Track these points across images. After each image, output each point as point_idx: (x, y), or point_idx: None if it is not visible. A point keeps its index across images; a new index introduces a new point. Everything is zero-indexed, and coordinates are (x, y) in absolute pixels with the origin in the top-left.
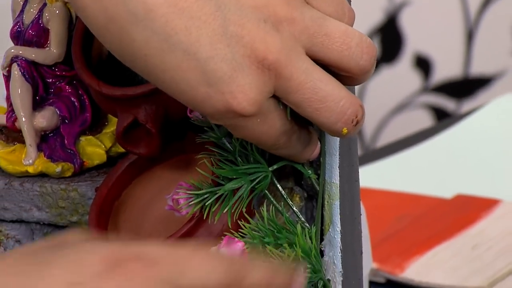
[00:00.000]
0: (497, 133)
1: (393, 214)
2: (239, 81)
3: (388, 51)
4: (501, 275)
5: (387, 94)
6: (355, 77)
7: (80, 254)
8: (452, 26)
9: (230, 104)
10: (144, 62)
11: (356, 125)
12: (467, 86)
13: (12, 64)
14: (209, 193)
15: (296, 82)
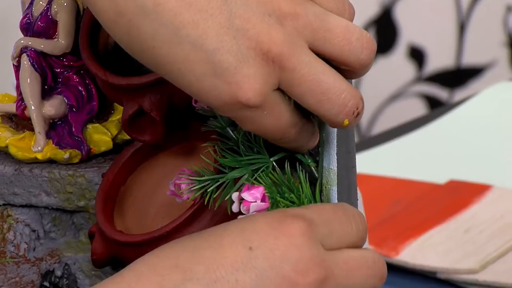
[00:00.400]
0: (488, 121)
1: (388, 199)
2: (244, 72)
3: (383, 43)
4: (492, 257)
5: (382, 84)
6: (355, 71)
7: (245, 224)
8: (444, 18)
9: (236, 94)
10: (152, 54)
11: (357, 116)
12: (459, 76)
13: (21, 54)
14: (211, 180)
15: (299, 74)
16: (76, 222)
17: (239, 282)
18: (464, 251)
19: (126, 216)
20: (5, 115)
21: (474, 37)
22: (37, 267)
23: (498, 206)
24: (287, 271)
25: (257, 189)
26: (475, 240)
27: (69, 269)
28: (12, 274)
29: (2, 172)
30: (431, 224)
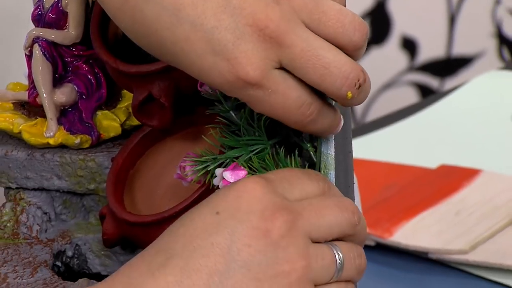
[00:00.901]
0: (477, 108)
1: (382, 183)
2: (242, 48)
3: (377, 33)
4: (481, 238)
5: (376, 73)
6: (349, 52)
7: (210, 197)
8: (435, 11)
9: (236, 70)
10: (156, 36)
11: (359, 88)
12: (450, 66)
13: (33, 44)
14: (211, 160)
15: (298, 49)
16: (86, 204)
17: (215, 244)
18: (455, 233)
19: (135, 198)
20: (17, 103)
21: (464, 28)
22: (49, 247)
23: (487, 190)
24: (255, 222)
25: (240, 172)
26: (465, 222)
27: (79, 249)
28: (26, 254)
29: (15, 157)
30: (423, 207)
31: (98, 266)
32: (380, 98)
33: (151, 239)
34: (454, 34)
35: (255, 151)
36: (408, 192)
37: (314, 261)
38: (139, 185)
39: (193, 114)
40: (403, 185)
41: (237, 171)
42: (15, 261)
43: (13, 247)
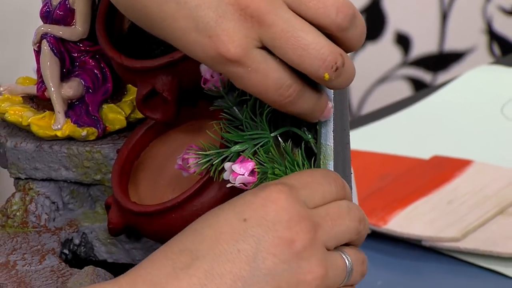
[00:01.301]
0: (468, 102)
1: (377, 173)
2: (224, 26)
3: (372, 30)
4: (473, 227)
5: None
6: (333, 34)
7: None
8: (428, 7)
9: (217, 47)
10: (145, 12)
11: (336, 71)
12: (442, 61)
13: (42, 40)
14: (216, 154)
15: (278, 29)
16: (92, 194)
17: (241, 251)
18: (447, 221)
19: (140, 188)
20: (26, 96)
21: (456, 24)
22: (57, 236)
23: (478, 180)
24: (281, 232)
25: (248, 163)
26: (457, 211)
27: (86, 237)
28: (34, 242)
29: (25, 148)
30: (417, 196)
31: (104, 253)
32: (375, 92)
33: (154, 228)
34: (446, 30)
35: (258, 145)
36: (402, 182)
37: (330, 270)
38: (143, 176)
39: (195, 108)
40: (397, 175)
41: (245, 163)
42: (24, 249)
43: (22, 236)
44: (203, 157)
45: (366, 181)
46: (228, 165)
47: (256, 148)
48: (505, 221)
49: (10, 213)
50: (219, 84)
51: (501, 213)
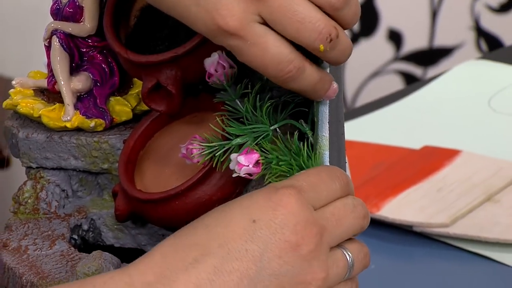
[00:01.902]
0: (457, 94)
1: (370, 162)
2: (223, 1)
3: (366, 27)
4: (461, 213)
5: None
6: (328, 12)
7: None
8: (419, 5)
9: (217, 20)
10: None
11: (331, 42)
12: (432, 56)
13: (52, 36)
14: (219, 146)
15: (276, 4)
16: (100, 182)
17: (249, 251)
18: (437, 208)
19: (145, 177)
20: (37, 89)
21: (445, 22)
22: (66, 222)
23: (466, 169)
24: (288, 235)
25: (253, 155)
26: (446, 198)
27: (94, 223)
28: (45, 228)
29: (36, 139)
30: (408, 184)
31: (112, 238)
32: (368, 85)
33: (159, 215)
34: (436, 27)
35: (259, 138)
36: (394, 170)
37: (331, 270)
38: (148, 165)
39: (198, 100)
40: (389, 164)
41: (250, 155)
42: (35, 234)
43: (33, 222)
44: (206, 149)
45: (360, 170)
46: (234, 156)
47: (259, 140)
48: (491, 208)
49: (22, 200)
50: (223, 78)
51: (488, 200)
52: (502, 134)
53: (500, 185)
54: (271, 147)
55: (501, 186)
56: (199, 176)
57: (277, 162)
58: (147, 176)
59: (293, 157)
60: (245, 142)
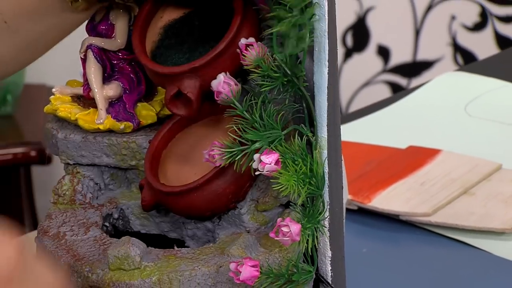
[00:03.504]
0: (437, 101)
1: (362, 160)
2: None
3: (358, 43)
4: (441, 204)
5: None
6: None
7: None
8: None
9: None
10: None
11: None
12: (415, 68)
13: (87, 50)
14: (238, 151)
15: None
16: (129, 177)
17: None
18: (420, 199)
19: (167, 172)
20: (74, 96)
21: (426, 39)
22: (99, 211)
23: (445, 166)
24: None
25: (273, 155)
26: (429, 191)
27: (123, 212)
28: (81, 217)
29: (73, 139)
30: (395, 179)
31: (138, 226)
32: (360, 94)
33: (180, 205)
34: (419, 43)
35: (274, 142)
36: (383, 167)
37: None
38: (170, 162)
39: (214, 105)
40: (379, 162)
41: (271, 154)
42: (72, 222)
43: (70, 211)
44: (227, 153)
45: (353, 166)
46: (256, 156)
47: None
48: (468, 200)
49: (61, 192)
50: (230, 94)
51: (465, 193)
52: (476, 136)
53: (475, 180)
54: (284, 148)
55: (476, 181)
56: (214, 171)
57: (293, 161)
58: (169, 171)
59: (301, 156)
60: (261, 146)
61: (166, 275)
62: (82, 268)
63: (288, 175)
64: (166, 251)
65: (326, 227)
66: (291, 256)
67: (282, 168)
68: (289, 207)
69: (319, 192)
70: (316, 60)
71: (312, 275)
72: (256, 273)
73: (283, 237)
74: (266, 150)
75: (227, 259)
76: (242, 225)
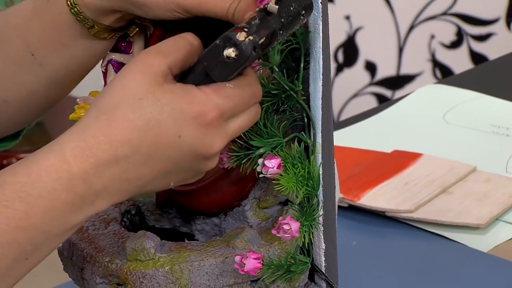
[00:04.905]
0: (419, 111)
1: (352, 162)
2: None
3: (348, 59)
4: (423, 202)
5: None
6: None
7: None
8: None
9: None
10: None
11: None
12: (399, 81)
13: (108, 64)
14: (244, 155)
15: None
16: None
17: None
18: (404, 198)
19: None
20: None
21: (409, 55)
22: (118, 208)
23: (426, 168)
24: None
25: (276, 160)
26: (411, 190)
27: (140, 209)
28: (101, 213)
29: None
30: (382, 179)
31: (153, 221)
32: (350, 104)
33: (190, 203)
34: (402, 59)
35: (276, 148)
36: (371, 169)
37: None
38: None
39: None
40: (367, 164)
41: (274, 159)
42: (94, 218)
43: None
44: (234, 158)
45: (344, 168)
46: (261, 161)
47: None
48: (446, 198)
49: None
50: None
51: (443, 192)
52: (454, 141)
53: (452, 181)
54: (284, 154)
55: (454, 181)
56: (221, 173)
57: (292, 165)
58: None
59: (300, 160)
60: (264, 152)
61: (177, 265)
62: (103, 258)
63: (288, 178)
64: (178, 243)
65: (320, 223)
66: (289, 248)
67: (283, 171)
68: (287, 204)
69: (315, 192)
70: (312, 73)
71: (308, 266)
72: (258, 264)
73: (284, 234)
74: (269, 155)
75: (232, 251)
76: (245, 221)
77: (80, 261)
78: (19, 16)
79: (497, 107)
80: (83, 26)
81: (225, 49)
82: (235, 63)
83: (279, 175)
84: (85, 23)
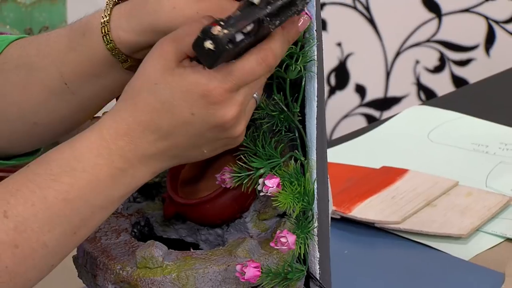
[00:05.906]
0: (404, 130)
1: (344, 177)
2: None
3: (339, 82)
4: (409, 214)
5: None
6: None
7: None
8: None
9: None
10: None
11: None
12: (386, 103)
13: None
14: (245, 176)
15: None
16: (153, 191)
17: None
18: (392, 210)
19: (185, 188)
20: None
21: (395, 79)
22: (129, 219)
23: (412, 182)
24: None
25: (275, 179)
26: (399, 203)
27: (148, 221)
28: (113, 224)
29: None
30: (371, 193)
31: (161, 232)
32: (341, 124)
33: (195, 215)
34: (389, 83)
35: (274, 168)
36: (361, 183)
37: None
38: (188, 180)
39: None
40: (357, 179)
41: (273, 179)
42: (106, 228)
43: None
44: (236, 178)
45: (336, 183)
46: (261, 180)
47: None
48: (430, 210)
49: None
50: None
51: (428, 205)
52: (437, 158)
53: (436, 194)
54: (282, 172)
55: (437, 195)
56: (221, 189)
57: (290, 182)
58: (186, 187)
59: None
60: (264, 172)
61: (183, 272)
62: (115, 266)
63: (286, 195)
64: (184, 252)
65: (315, 234)
66: (287, 257)
67: (281, 189)
68: (285, 216)
69: (310, 206)
70: (307, 95)
71: (304, 273)
72: (258, 273)
73: (282, 246)
74: (269, 175)
75: (234, 259)
76: (246, 231)
77: (93, 268)
78: (53, 48)
79: (477, 126)
80: (117, 60)
81: (204, 41)
82: (214, 54)
83: (278, 192)
84: (119, 57)
